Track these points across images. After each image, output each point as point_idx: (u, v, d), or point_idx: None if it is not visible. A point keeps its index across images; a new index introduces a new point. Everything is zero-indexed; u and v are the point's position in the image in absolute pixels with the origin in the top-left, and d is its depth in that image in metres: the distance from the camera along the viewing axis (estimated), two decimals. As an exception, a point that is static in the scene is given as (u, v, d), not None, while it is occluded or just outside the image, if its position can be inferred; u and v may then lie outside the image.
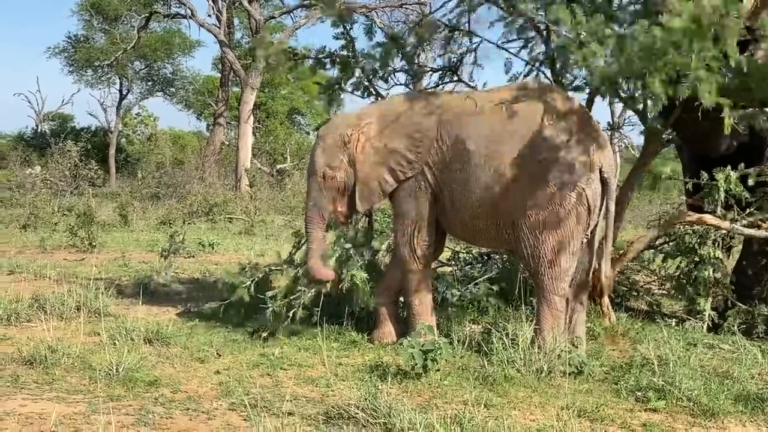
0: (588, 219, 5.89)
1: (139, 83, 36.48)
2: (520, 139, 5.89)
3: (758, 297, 7.20)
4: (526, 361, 5.51)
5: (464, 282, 7.62)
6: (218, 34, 25.12)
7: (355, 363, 5.87)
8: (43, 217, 15.25)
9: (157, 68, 36.08)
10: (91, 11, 32.26)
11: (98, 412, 4.45)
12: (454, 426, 4.33)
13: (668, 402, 5.01)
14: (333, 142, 6.57)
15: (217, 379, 5.39)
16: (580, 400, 5.00)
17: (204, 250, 12.50)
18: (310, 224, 6.67)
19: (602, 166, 5.87)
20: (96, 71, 34.52)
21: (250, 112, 24.71)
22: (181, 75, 36.59)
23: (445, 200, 6.25)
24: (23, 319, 6.91)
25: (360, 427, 4.38)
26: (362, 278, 6.71)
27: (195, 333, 6.69)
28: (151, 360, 5.73)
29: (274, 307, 6.41)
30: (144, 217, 17.11)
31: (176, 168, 24.30)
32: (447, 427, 4.26)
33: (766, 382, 5.28)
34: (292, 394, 4.99)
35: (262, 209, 18.72)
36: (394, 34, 7.26)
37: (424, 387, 5.25)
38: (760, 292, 7.25)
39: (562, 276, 5.90)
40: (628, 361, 5.88)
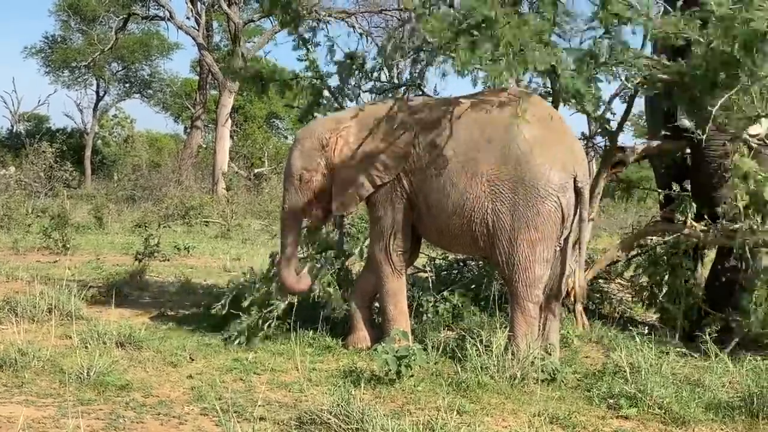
0: (562, 227, 5.92)
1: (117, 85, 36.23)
2: (496, 146, 5.91)
3: (731, 306, 7.26)
4: (500, 368, 5.50)
5: (440, 288, 7.61)
6: (197, 37, 25.02)
7: (329, 368, 5.86)
8: (17, 219, 15.08)
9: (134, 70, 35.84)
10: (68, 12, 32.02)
11: (68, 416, 4.40)
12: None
13: (640, 409, 5.03)
14: (311, 145, 6.56)
15: (190, 383, 5.35)
16: (552, 407, 5.01)
17: (179, 253, 12.42)
18: (284, 227, 6.66)
19: (576, 175, 5.90)
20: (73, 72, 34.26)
21: (227, 116, 24.63)
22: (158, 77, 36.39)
23: (421, 206, 6.25)
24: (-6, 321, 6.83)
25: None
26: (334, 286, 6.73)
27: (168, 337, 6.64)
28: (123, 364, 5.68)
29: (248, 321, 6.41)
30: (119, 219, 17.00)
31: (152, 170, 24.11)
32: (419, 434, 4.25)
33: (736, 391, 5.29)
34: (264, 399, 4.97)
35: (238, 213, 18.65)
36: (352, 53, 7.25)
37: (398, 393, 5.24)
38: (733, 300, 7.31)
39: (536, 283, 5.91)
40: (601, 368, 5.89)
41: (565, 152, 5.95)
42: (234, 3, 24.19)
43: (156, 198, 20.15)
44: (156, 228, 14.27)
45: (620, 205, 19.98)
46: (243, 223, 17.65)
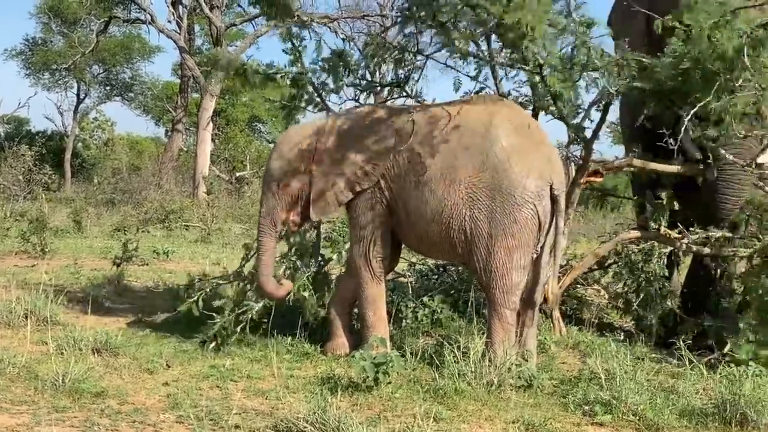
0: (538, 235, 5.95)
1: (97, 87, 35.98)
2: (474, 153, 5.94)
3: (707, 311, 7.31)
4: (477, 374, 5.52)
5: (420, 293, 7.62)
6: (178, 40, 24.93)
7: (306, 375, 5.84)
8: (-5, 223, 14.96)
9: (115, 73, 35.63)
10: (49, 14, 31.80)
11: (42, 424, 4.38)
12: (402, 440, 4.34)
13: (614, 416, 5.06)
14: (289, 150, 6.57)
15: (166, 390, 5.32)
16: (528, 413, 5.03)
17: (158, 257, 12.34)
18: (262, 232, 6.65)
19: (553, 183, 5.93)
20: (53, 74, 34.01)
21: (209, 119, 24.51)
22: (139, 80, 36.19)
23: (400, 212, 6.26)
24: (-31, 327, 6.77)
25: (308, 440, 4.36)
26: (310, 291, 6.73)
27: (145, 343, 6.60)
28: (99, 371, 5.64)
29: (222, 322, 6.39)
30: (98, 223, 16.88)
31: (133, 174, 23.93)
32: (395, 441, 4.26)
33: (710, 398, 5.33)
34: (240, 406, 4.95)
35: (219, 217, 18.55)
36: (340, 50, 7.27)
37: (375, 400, 5.24)
38: (709, 306, 7.36)
39: (513, 290, 5.93)
40: (577, 374, 5.93)
41: (542, 160, 5.99)
42: (216, 6, 24.11)
43: (136, 202, 19.99)
44: (135, 232, 14.23)
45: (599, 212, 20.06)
46: (224, 227, 17.57)
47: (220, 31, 24.04)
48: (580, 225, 17.50)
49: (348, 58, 7.25)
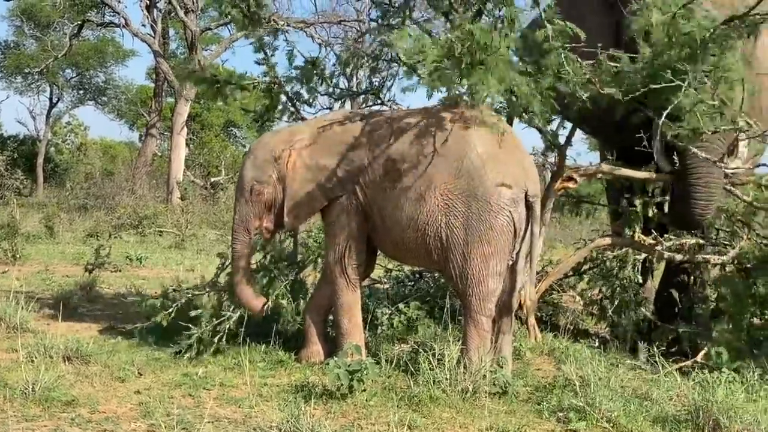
0: (514, 241, 5.96)
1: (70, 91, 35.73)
2: (450, 160, 5.94)
3: (680, 317, 7.37)
4: (452, 381, 5.52)
5: (395, 300, 7.62)
6: (152, 44, 24.78)
7: (280, 383, 5.81)
8: (-35, 228, 14.78)
9: (89, 77, 35.38)
10: (22, 17, 31.53)
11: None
12: (376, 448, 4.33)
13: (588, 423, 5.07)
14: (263, 156, 6.54)
15: (137, 399, 5.27)
16: (503, 420, 5.05)
17: (131, 264, 12.25)
18: (236, 240, 6.62)
19: (528, 190, 5.95)
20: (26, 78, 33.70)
21: (183, 124, 24.38)
22: (113, 84, 35.94)
23: (376, 219, 6.25)
24: (-63, 334, 6.69)
25: (281, 449, 4.35)
26: (288, 299, 6.71)
27: (117, 351, 6.54)
28: (70, 378, 5.59)
29: (198, 333, 6.35)
30: (71, 228, 16.69)
31: (106, 179, 23.72)
32: (369, 450, 4.25)
33: (683, 404, 5.36)
34: (213, 415, 4.92)
35: (193, 223, 18.43)
36: (313, 59, 7.26)
37: (349, 408, 5.22)
38: (682, 313, 7.42)
39: (489, 297, 5.93)
40: (552, 381, 5.94)
41: (517, 167, 6.01)
42: (191, 11, 23.98)
43: (109, 207, 19.83)
44: (108, 238, 14.09)
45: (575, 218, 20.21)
46: (198, 233, 17.48)
47: (195, 36, 23.91)
48: (556, 231, 17.60)
49: (322, 67, 7.25)
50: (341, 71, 7.34)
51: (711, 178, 6.91)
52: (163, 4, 25.24)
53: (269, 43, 7.36)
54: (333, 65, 7.41)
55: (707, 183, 6.91)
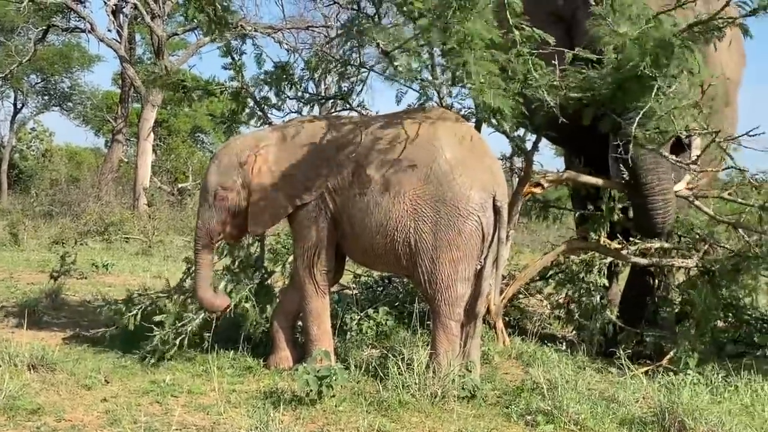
0: (482, 246, 5.99)
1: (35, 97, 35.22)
2: (419, 165, 5.96)
3: (645, 321, 7.44)
4: (421, 386, 5.52)
5: (364, 306, 7.62)
6: (118, 50, 24.56)
7: (249, 389, 5.79)
8: (-72, 236, 14.58)
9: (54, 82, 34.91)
10: (-16, 22, 31.15)
11: (-26, 444, 4.27)
12: (345, 453, 4.33)
13: (556, 426, 5.11)
14: (228, 162, 6.52)
15: (104, 406, 5.22)
16: (471, 424, 5.07)
17: (97, 271, 12.12)
18: (198, 245, 6.59)
19: (495, 195, 5.99)
20: (-10, 83, 33.30)
21: (150, 130, 24.17)
22: (79, 90, 35.47)
23: (345, 225, 6.25)
24: None
25: (250, 455, 4.33)
26: (252, 303, 6.69)
27: (83, 359, 6.47)
28: (35, 387, 5.52)
29: (161, 334, 6.31)
30: (36, 236, 16.47)
31: (71, 185, 23.43)
32: (338, 455, 4.25)
33: (649, 406, 5.41)
34: (181, 422, 4.89)
35: (160, 229, 18.31)
36: (282, 63, 7.26)
37: (318, 413, 5.21)
38: (647, 316, 7.49)
39: (458, 301, 5.96)
40: (520, 384, 5.96)
41: (485, 172, 6.04)
42: (157, 16, 23.82)
43: (74, 214, 19.59)
44: (73, 245, 13.94)
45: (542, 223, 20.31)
46: (165, 240, 17.33)
47: (161, 41, 23.74)
48: (523, 236, 17.68)
49: (291, 71, 7.24)
50: (310, 76, 7.33)
51: (664, 185, 7.02)
52: (130, 9, 25.02)
53: (236, 47, 7.35)
54: (302, 70, 7.39)
55: (662, 191, 7.01)
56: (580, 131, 6.80)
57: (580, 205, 8.04)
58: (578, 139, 7.25)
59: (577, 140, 7.33)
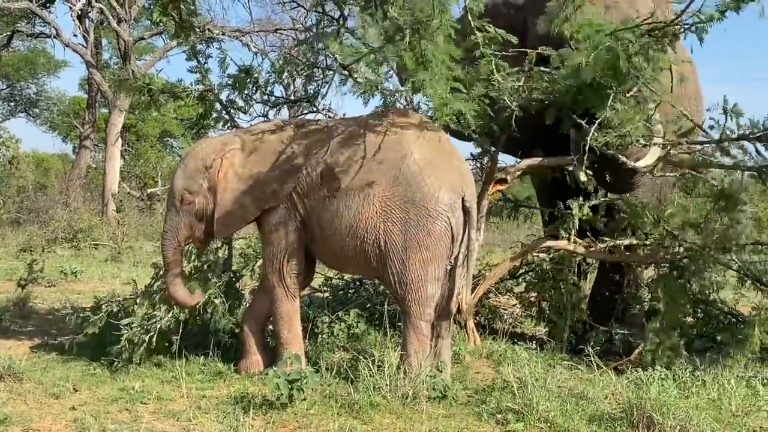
0: (452, 246, 6.01)
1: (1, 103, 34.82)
2: (388, 167, 5.97)
3: (615, 318, 7.50)
4: (392, 387, 5.54)
5: (335, 308, 7.62)
6: (85, 55, 24.32)
7: (219, 395, 5.76)
8: None
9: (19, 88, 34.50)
10: (-52, 28, 30.76)
11: (-61, 456, 4.22)
12: (316, 457, 4.33)
13: (526, 423, 5.15)
14: (194, 166, 6.49)
15: (72, 415, 5.18)
16: (442, 424, 5.09)
17: (66, 278, 11.99)
18: (166, 249, 6.56)
19: (464, 195, 6.01)
20: (-46, 91, 32.89)
21: (118, 135, 23.96)
22: (45, 96, 35.10)
23: (314, 228, 6.24)
24: None
25: (220, 461, 4.32)
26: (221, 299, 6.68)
27: (51, 367, 6.41)
28: (2, 397, 5.48)
29: (129, 334, 6.27)
30: (3, 244, 16.30)
31: (39, 192, 23.20)
32: (308, 458, 4.24)
33: (618, 403, 5.46)
34: (150, 429, 4.87)
35: (130, 235, 18.18)
36: (246, 66, 7.25)
37: (290, 417, 5.21)
38: (616, 313, 7.56)
39: (428, 302, 5.97)
40: (491, 383, 6.00)
41: (454, 173, 6.07)
42: (124, 20, 23.62)
43: (42, 221, 19.36)
44: (41, 252, 13.80)
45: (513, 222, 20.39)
46: (135, 246, 17.19)
47: (128, 45, 23.54)
48: (494, 236, 17.75)
49: (255, 75, 7.23)
50: (276, 79, 7.33)
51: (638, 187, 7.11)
52: (96, 14, 24.78)
53: (202, 50, 7.34)
54: (268, 73, 7.38)
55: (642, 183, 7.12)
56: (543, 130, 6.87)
57: (547, 203, 8.09)
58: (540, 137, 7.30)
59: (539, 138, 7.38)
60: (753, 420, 5.35)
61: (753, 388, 5.94)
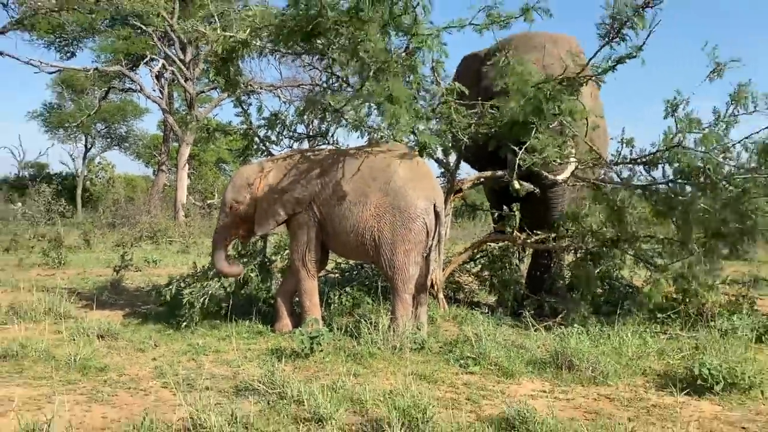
0: (427, 239, 6.01)
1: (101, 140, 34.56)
2: (380, 183, 6.00)
3: (545, 290, 7.50)
4: (384, 341, 5.53)
5: (344, 285, 7.59)
6: (161, 104, 24.24)
7: (260, 348, 5.75)
8: (22, 243, 14.18)
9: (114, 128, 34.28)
10: (62, 85, 30.48)
11: (56, 394, 4.19)
12: (330, 392, 4.30)
13: (481, 367, 5.14)
14: (240, 183, 6.50)
15: (154, 364, 5.16)
16: (421, 368, 5.08)
17: (149, 265, 11.92)
18: (216, 242, 6.62)
19: (435, 203, 6.02)
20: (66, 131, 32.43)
21: (185, 161, 23.89)
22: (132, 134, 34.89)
23: (328, 227, 6.24)
24: (1, 323, 6.42)
25: (261, 396, 4.29)
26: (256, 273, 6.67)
27: (138, 329, 6.39)
28: (102, 351, 5.45)
29: (189, 297, 6.29)
30: (103, 240, 16.15)
31: (129, 203, 23.06)
32: (324, 393, 4.21)
33: (548, 351, 5.46)
34: (210, 373, 4.84)
35: (195, 234, 18.07)
36: (276, 112, 7.26)
37: (311, 364, 5.19)
38: (545, 287, 7.56)
39: (410, 280, 5.98)
40: (455, 338, 5.98)
41: (428, 186, 6.09)
42: (189, 79, 23.51)
43: (131, 224, 19.21)
44: (130, 247, 13.71)
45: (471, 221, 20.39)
46: (198, 241, 17.11)
47: (192, 97, 23.46)
48: (457, 231, 17.73)
49: (283, 117, 7.25)
50: (298, 120, 7.33)
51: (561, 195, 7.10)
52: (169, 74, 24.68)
53: (245, 100, 7.35)
54: (292, 116, 7.38)
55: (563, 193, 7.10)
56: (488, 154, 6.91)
57: (496, 207, 8.08)
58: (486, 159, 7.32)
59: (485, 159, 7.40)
60: (644, 362, 5.37)
61: (644, 339, 5.94)
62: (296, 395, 4.17)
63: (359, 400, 4.19)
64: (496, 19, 6.05)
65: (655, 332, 6.25)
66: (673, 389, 4.62)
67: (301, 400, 4.11)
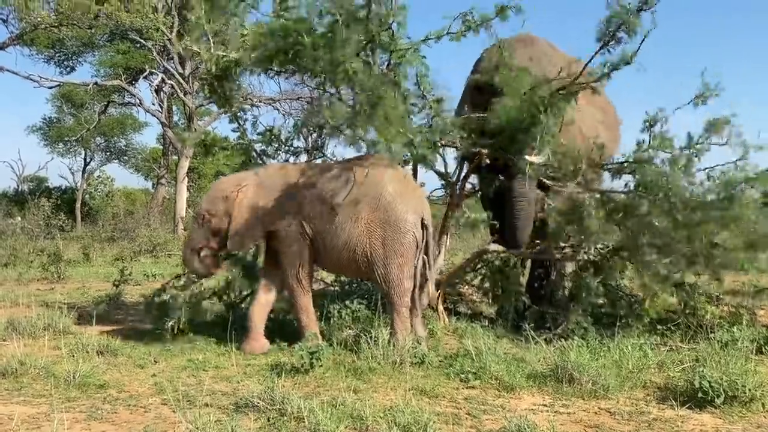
0: (416, 252, 6.01)
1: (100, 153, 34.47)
2: (370, 198, 6.00)
3: (545, 300, 7.46)
4: (384, 356, 5.52)
5: (343, 298, 7.56)
6: (160, 117, 24.30)
7: (260, 363, 5.72)
8: (21, 257, 14.16)
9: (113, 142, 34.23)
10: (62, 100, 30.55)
11: (56, 412, 4.17)
12: (330, 408, 4.28)
13: (482, 381, 5.13)
14: (215, 194, 6.43)
15: (153, 380, 5.15)
16: (421, 382, 5.06)
17: (148, 279, 11.89)
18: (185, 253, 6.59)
19: (423, 216, 6.05)
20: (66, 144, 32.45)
21: (184, 175, 23.90)
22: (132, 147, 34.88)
23: (319, 244, 6.19)
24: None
25: (260, 413, 4.27)
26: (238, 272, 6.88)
27: (137, 345, 6.34)
28: (102, 368, 5.42)
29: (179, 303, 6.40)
30: (102, 254, 16.15)
31: (128, 217, 23.04)
32: (324, 410, 4.19)
33: (548, 364, 5.43)
34: (210, 389, 4.82)
35: (194, 247, 18.06)
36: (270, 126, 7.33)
37: (311, 379, 5.18)
38: (546, 298, 7.52)
39: (406, 293, 5.98)
40: (456, 352, 5.96)
41: (416, 201, 6.13)
42: (188, 93, 23.57)
43: (131, 237, 19.19)
44: (130, 261, 13.69)
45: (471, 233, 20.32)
46: (198, 255, 17.09)
47: (191, 111, 23.53)
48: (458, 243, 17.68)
49: (277, 132, 7.28)
50: (296, 134, 7.37)
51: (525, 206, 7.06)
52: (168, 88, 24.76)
53: (241, 116, 7.38)
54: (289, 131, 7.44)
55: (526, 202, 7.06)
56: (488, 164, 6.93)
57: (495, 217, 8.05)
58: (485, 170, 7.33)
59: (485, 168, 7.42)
60: (644, 375, 5.34)
61: (644, 352, 5.91)
62: (296, 412, 4.16)
63: (359, 417, 4.17)
64: (471, 24, 6.09)
65: (656, 344, 6.22)
66: (674, 402, 4.60)
67: (301, 417, 4.09)
